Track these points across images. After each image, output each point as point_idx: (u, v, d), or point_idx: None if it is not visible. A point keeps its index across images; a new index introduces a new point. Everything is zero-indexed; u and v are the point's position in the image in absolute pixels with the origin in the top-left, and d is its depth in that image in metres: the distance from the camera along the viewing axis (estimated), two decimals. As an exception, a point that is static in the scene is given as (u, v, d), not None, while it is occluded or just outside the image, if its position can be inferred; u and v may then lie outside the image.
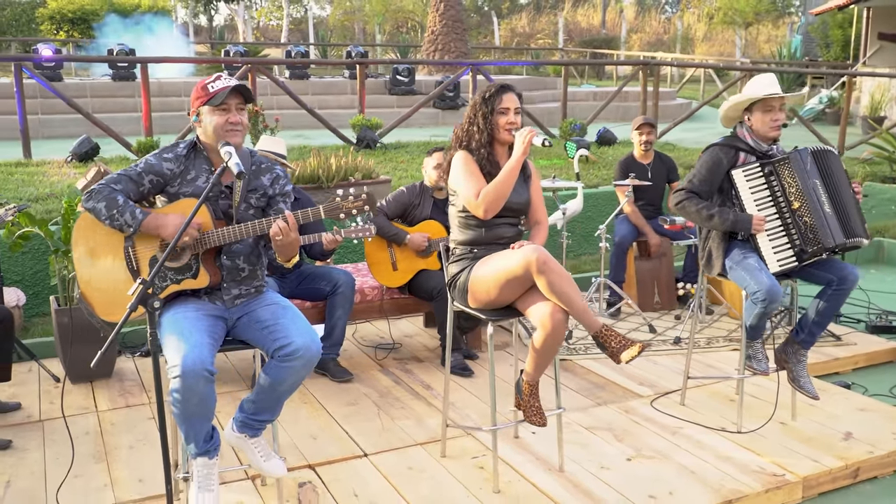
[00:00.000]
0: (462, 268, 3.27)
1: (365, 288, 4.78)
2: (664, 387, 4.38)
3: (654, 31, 34.98)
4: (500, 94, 3.25)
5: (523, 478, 3.38)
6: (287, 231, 2.65)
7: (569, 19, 35.35)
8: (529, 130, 3.20)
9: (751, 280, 3.56)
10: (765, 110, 3.63)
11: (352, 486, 3.32)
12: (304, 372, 2.77)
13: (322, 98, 12.18)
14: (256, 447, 2.94)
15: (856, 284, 3.64)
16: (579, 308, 3.02)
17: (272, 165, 2.96)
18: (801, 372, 3.78)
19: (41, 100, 9.94)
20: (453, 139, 3.38)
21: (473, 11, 36.75)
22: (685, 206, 3.69)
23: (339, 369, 4.52)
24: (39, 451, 3.61)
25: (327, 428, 3.88)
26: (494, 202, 3.13)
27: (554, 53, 27.91)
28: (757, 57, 28.99)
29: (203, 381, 2.57)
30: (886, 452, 3.61)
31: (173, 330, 2.66)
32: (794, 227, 3.61)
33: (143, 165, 2.82)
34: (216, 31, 30.14)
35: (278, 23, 34.34)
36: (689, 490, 3.27)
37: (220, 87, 2.74)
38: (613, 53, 23.50)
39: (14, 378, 4.39)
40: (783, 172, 3.61)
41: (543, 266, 2.97)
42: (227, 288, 2.87)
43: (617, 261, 5.72)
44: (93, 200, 2.75)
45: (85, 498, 3.22)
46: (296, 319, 2.81)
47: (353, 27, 32.21)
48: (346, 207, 2.72)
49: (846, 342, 5.11)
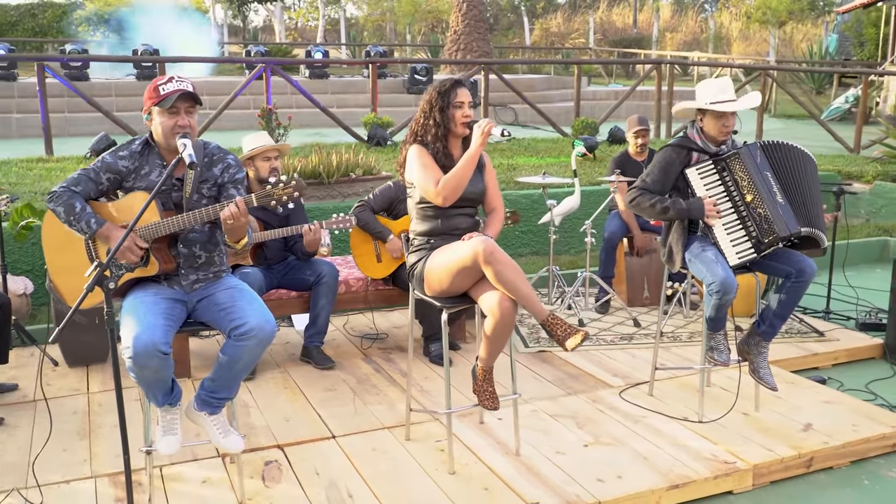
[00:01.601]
0: (419, 258, 3.41)
1: (350, 279, 4.95)
2: (637, 378, 4.46)
3: (691, 30, 34.73)
4: (455, 89, 3.38)
5: (480, 460, 3.51)
6: (238, 215, 2.82)
7: (604, 19, 35.27)
8: (488, 122, 3.32)
9: (707, 272, 3.65)
10: (716, 116, 3.73)
11: (315, 465, 3.48)
12: (258, 350, 2.94)
13: (340, 97, 12.40)
14: (215, 424, 3.11)
15: (813, 277, 3.71)
16: (525, 296, 3.14)
17: (224, 156, 3.13)
18: (762, 363, 3.85)
19: (67, 99, 10.30)
20: (408, 134, 3.52)
21: (510, 11, 36.86)
22: (639, 203, 3.79)
23: (322, 357, 4.69)
24: (29, 429, 3.84)
25: (302, 411, 4.05)
26: (453, 191, 3.27)
27: (585, 53, 27.87)
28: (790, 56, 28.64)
29: (155, 358, 2.76)
30: (841, 443, 3.67)
31: (130, 312, 2.86)
32: (749, 220, 3.69)
33: (101, 164, 3.01)
34: (250, 31, 30.62)
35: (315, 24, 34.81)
36: (637, 474, 3.37)
37: (170, 90, 2.91)
38: (640, 52, 23.40)
39: (16, 361, 4.67)
40: (735, 167, 3.70)
41: (490, 256, 3.10)
42: (185, 274, 3.06)
43: (606, 256, 5.80)
44: (53, 203, 2.96)
45: (66, 469, 3.43)
46: (252, 302, 2.98)
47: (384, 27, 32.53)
48: (276, 195, 2.87)
49: (829, 338, 5.14)
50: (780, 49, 28.72)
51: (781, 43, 29.47)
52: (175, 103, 2.91)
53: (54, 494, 3.24)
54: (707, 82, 3.81)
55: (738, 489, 3.44)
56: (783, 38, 30.40)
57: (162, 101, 2.92)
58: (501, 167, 8.13)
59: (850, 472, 3.65)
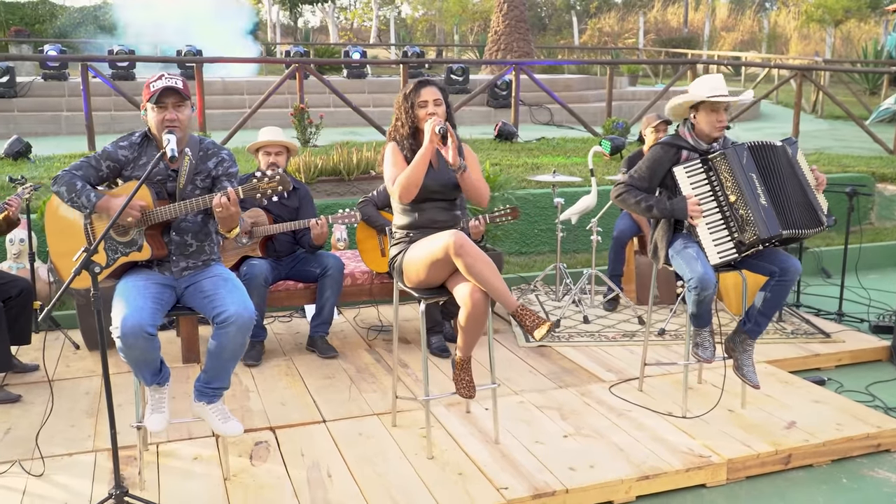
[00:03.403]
0: (399, 250, 3.55)
1: (356, 272, 5.11)
2: (631, 374, 4.52)
3: (748, 29, 34.15)
4: (419, 89, 3.50)
5: (459, 447, 3.63)
6: (228, 205, 2.99)
7: (658, 18, 34.90)
8: (433, 120, 3.40)
9: (686, 268, 3.70)
10: (710, 111, 3.76)
11: (302, 446, 3.65)
12: (238, 337, 3.11)
13: (377, 96, 12.61)
14: (214, 412, 3.30)
15: (797, 276, 3.73)
16: (495, 288, 3.26)
17: (218, 151, 3.31)
18: (746, 361, 3.88)
19: (113, 98, 10.70)
20: (388, 133, 3.66)
21: (565, 11, 36.77)
22: (625, 199, 3.86)
23: (326, 346, 4.86)
24: (42, 406, 4.08)
25: (299, 396, 4.22)
26: (407, 188, 3.40)
27: (632, 53, 27.66)
28: (848, 55, 27.92)
29: (141, 339, 2.95)
30: (822, 441, 3.69)
31: (121, 295, 3.06)
32: (732, 220, 3.73)
33: (102, 153, 3.23)
34: (301, 32, 31.16)
35: (370, 24, 35.28)
36: (610, 465, 3.45)
37: (158, 86, 3.11)
38: (688, 53, 23.14)
39: (41, 344, 4.95)
40: (720, 167, 3.73)
41: (460, 249, 3.23)
42: (176, 260, 3.25)
43: (615, 254, 5.85)
44: (57, 185, 3.18)
45: (70, 444, 3.68)
46: (233, 290, 3.16)
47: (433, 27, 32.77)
48: (261, 188, 3.04)
49: (835, 339, 5.12)
50: (838, 48, 28.02)
51: (841, 42, 28.75)
52: (162, 98, 3.11)
53: (56, 465, 3.47)
54: (701, 79, 3.85)
55: (712, 483, 3.49)
56: (843, 37, 29.65)
57: (151, 97, 3.12)
58: (525, 166, 8.21)
59: (829, 470, 3.66)
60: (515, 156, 8.81)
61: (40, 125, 11.03)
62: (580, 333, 5.24)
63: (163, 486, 3.30)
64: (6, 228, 4.40)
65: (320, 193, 6.67)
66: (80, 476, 3.38)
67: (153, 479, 3.36)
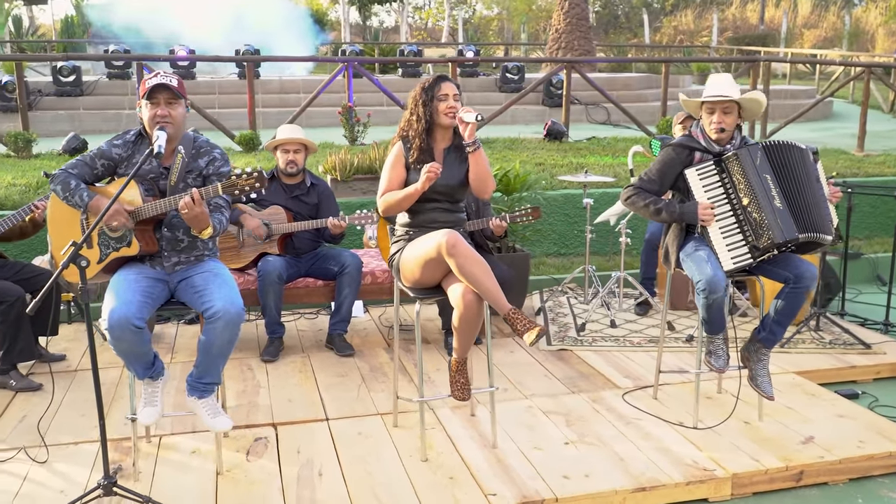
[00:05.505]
0: (398, 248, 3.51)
1: (377, 270, 5.10)
2: (649, 381, 4.38)
3: (832, 25, 32.94)
4: (440, 83, 3.44)
5: (456, 450, 3.57)
6: (191, 206, 3.00)
7: (737, 15, 33.97)
8: (434, 165, 3.29)
9: (696, 271, 3.56)
10: (707, 112, 3.63)
11: (299, 444, 3.65)
12: (226, 333, 3.12)
13: (431, 95, 12.64)
14: (205, 407, 3.33)
15: (813, 283, 3.54)
16: (487, 289, 3.18)
17: (211, 149, 3.33)
18: (761, 371, 3.71)
19: (173, 96, 11.00)
20: (398, 131, 3.61)
21: (641, 8, 36.17)
22: (634, 202, 3.73)
23: (343, 344, 4.87)
24: (60, 395, 4.20)
25: (307, 394, 4.23)
26: (389, 209, 3.42)
27: (705, 51, 26.97)
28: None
29: (129, 332, 3.00)
30: (839, 458, 3.49)
31: (112, 288, 3.12)
32: (745, 224, 3.56)
33: (96, 151, 3.29)
34: (370, 31, 31.45)
35: (443, 24, 35.43)
36: (606, 475, 3.34)
37: (152, 83, 3.15)
38: (761, 51, 22.41)
39: (72, 335, 5.11)
40: (733, 168, 3.57)
41: (452, 249, 3.16)
42: (168, 256, 3.29)
43: (647, 257, 5.69)
44: (53, 183, 3.26)
45: (77, 433, 3.77)
46: (222, 286, 3.18)
47: (501, 26, 32.65)
48: (240, 185, 3.04)
49: (875, 351, 4.85)
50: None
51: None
52: (154, 94, 3.15)
53: (61, 454, 3.56)
54: (713, 77, 3.70)
55: (714, 498, 3.34)
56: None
57: (145, 94, 3.16)
58: (570, 165, 8.07)
59: (845, 489, 3.47)
60: (562, 155, 8.67)
61: (104, 123, 11.41)
62: (605, 338, 5.11)
63: (156, 479, 3.34)
64: (32, 230, 4.52)
65: (356, 191, 6.68)
66: (80, 465, 3.46)
67: (149, 470, 3.41)
